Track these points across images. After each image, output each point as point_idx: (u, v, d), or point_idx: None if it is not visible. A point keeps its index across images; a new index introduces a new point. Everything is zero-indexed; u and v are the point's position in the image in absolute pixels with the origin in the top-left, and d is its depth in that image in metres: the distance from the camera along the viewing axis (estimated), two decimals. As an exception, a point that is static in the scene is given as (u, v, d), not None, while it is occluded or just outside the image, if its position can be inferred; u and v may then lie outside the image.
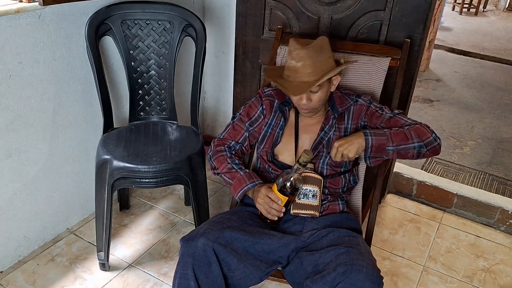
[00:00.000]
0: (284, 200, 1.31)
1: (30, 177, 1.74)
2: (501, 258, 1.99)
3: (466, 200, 2.22)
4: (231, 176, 1.44)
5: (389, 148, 1.32)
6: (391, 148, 1.32)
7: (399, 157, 1.36)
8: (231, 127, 1.54)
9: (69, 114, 1.82)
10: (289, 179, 1.29)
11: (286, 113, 1.48)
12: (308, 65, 1.31)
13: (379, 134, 1.34)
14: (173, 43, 1.84)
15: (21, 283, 1.70)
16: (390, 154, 1.34)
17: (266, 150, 1.48)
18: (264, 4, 2.03)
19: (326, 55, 1.35)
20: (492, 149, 3.24)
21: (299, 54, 1.32)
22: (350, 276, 1.13)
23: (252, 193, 1.41)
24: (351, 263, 1.15)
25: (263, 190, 1.34)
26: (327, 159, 1.42)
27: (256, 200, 1.36)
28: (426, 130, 1.35)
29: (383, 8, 1.81)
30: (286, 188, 1.29)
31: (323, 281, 1.16)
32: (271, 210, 1.33)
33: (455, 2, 9.26)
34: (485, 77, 5.06)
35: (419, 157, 1.35)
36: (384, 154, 1.35)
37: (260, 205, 1.35)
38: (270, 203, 1.32)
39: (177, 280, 1.23)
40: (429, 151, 1.34)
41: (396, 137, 1.33)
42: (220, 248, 1.22)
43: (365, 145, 1.32)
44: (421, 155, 1.34)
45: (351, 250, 1.22)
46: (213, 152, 1.51)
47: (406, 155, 1.34)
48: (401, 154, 1.34)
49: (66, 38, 1.70)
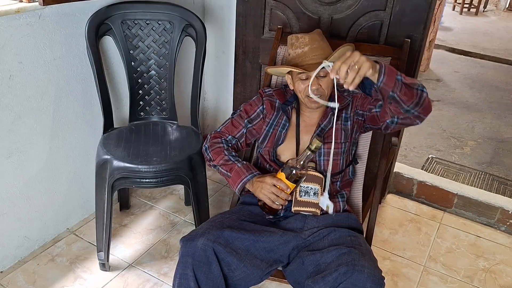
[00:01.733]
0: (292, 187, 1.32)
1: (30, 177, 1.74)
2: (501, 258, 1.99)
3: (467, 200, 2.22)
4: (229, 168, 1.44)
5: (398, 77, 1.14)
6: (399, 77, 1.15)
7: (404, 96, 1.17)
8: (230, 122, 1.54)
9: (69, 114, 1.82)
10: (300, 162, 1.30)
11: (289, 112, 1.48)
12: (315, 48, 1.37)
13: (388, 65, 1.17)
14: (173, 43, 1.84)
15: (21, 283, 1.70)
16: (398, 84, 1.15)
17: (268, 149, 1.48)
18: (264, 4, 2.03)
19: (327, 42, 1.41)
20: (493, 149, 3.24)
21: (303, 41, 1.37)
22: (352, 276, 1.13)
23: (251, 184, 1.40)
24: (353, 263, 1.15)
25: (269, 179, 1.33)
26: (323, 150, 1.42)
27: (260, 191, 1.34)
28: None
29: (383, 8, 1.81)
30: (293, 175, 1.30)
31: (324, 281, 1.16)
32: (278, 199, 1.32)
33: (455, 2, 9.26)
34: (485, 77, 5.05)
35: (418, 103, 1.19)
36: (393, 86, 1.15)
37: (264, 195, 1.33)
38: (278, 191, 1.31)
39: (177, 280, 1.23)
40: (427, 96, 1.20)
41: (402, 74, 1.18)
42: (220, 248, 1.22)
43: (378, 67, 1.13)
44: (421, 99, 1.19)
45: (353, 250, 1.22)
46: (209, 144, 1.51)
47: (410, 94, 1.17)
48: (406, 90, 1.17)
49: (66, 38, 1.70)
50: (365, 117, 1.44)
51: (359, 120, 1.46)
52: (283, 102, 1.50)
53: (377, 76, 1.13)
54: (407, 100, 1.17)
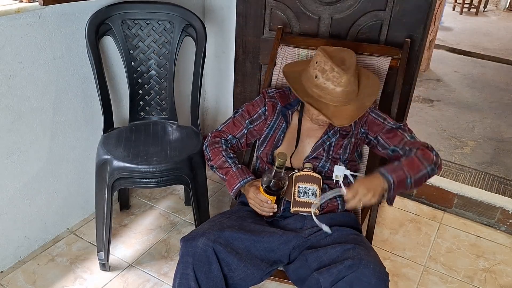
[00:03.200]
0: (273, 199, 1.34)
1: (30, 177, 1.74)
2: (501, 258, 1.99)
3: (467, 200, 2.22)
4: (224, 172, 1.46)
5: (409, 181, 1.27)
6: (410, 181, 1.27)
7: (415, 187, 1.32)
8: (231, 121, 1.54)
9: (69, 114, 1.82)
10: (270, 181, 1.31)
11: (288, 117, 1.48)
12: (347, 92, 1.30)
13: (395, 169, 1.29)
14: (173, 43, 1.84)
15: (22, 283, 1.70)
16: (409, 187, 1.29)
17: (267, 152, 1.49)
18: (264, 4, 2.03)
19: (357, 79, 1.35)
20: (493, 149, 3.24)
21: (339, 79, 1.28)
22: (358, 270, 1.13)
23: (244, 190, 1.43)
24: (359, 258, 1.16)
25: (251, 192, 1.36)
26: (327, 163, 1.43)
27: (248, 201, 1.40)
28: (428, 150, 1.33)
29: (384, 8, 1.81)
30: (270, 188, 1.32)
31: (329, 273, 1.16)
32: (263, 209, 1.36)
33: (455, 2, 9.25)
34: (485, 77, 5.05)
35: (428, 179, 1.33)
36: (404, 189, 1.30)
37: (252, 206, 1.39)
38: (261, 203, 1.34)
39: (177, 280, 1.23)
40: (437, 170, 1.33)
41: (410, 167, 1.28)
42: (220, 248, 1.22)
43: (387, 186, 1.26)
44: (433, 176, 1.33)
45: (358, 246, 1.23)
46: (209, 143, 1.52)
47: (421, 183, 1.31)
48: (417, 184, 1.30)
49: (66, 38, 1.70)
50: (370, 140, 1.46)
51: (363, 137, 1.47)
52: (284, 105, 1.50)
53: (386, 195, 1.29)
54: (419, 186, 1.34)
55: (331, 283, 1.15)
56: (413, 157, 1.31)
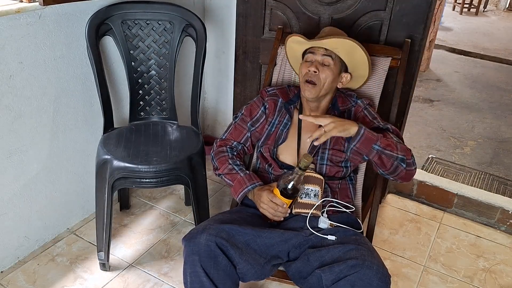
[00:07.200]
0: (289, 203, 1.32)
1: (31, 177, 1.74)
2: (501, 258, 1.99)
3: (467, 200, 2.22)
4: (232, 178, 1.45)
5: (375, 147, 1.27)
6: (377, 147, 1.27)
7: (379, 162, 1.31)
8: (233, 127, 1.54)
9: (69, 114, 1.82)
10: (290, 182, 1.28)
11: (291, 111, 1.48)
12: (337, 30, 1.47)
13: (371, 130, 1.30)
14: (174, 43, 1.84)
15: (22, 283, 1.70)
16: (373, 153, 1.28)
17: (269, 146, 1.48)
18: (264, 4, 2.03)
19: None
20: (493, 149, 3.24)
21: (324, 30, 1.47)
22: (361, 271, 1.13)
23: (252, 195, 1.41)
24: (363, 259, 1.16)
25: (266, 196, 1.34)
26: (326, 154, 1.43)
27: (260, 205, 1.37)
28: (409, 153, 1.34)
29: (384, 8, 1.81)
30: (287, 191, 1.29)
31: (331, 271, 1.16)
32: (277, 213, 1.34)
33: (455, 2, 9.26)
34: (485, 77, 5.06)
35: (392, 173, 1.33)
36: (367, 153, 1.30)
37: (264, 210, 1.36)
38: (275, 207, 1.33)
39: (188, 278, 1.23)
40: (405, 170, 1.32)
41: (384, 141, 1.29)
42: (222, 241, 1.22)
43: (356, 132, 1.26)
44: (396, 172, 1.32)
45: (360, 247, 1.23)
46: (215, 153, 1.52)
47: (386, 163, 1.30)
48: (382, 160, 1.29)
49: (66, 38, 1.70)
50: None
51: None
52: (286, 101, 1.50)
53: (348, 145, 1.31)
54: (381, 166, 1.32)
55: (333, 281, 1.15)
56: (393, 140, 1.33)
